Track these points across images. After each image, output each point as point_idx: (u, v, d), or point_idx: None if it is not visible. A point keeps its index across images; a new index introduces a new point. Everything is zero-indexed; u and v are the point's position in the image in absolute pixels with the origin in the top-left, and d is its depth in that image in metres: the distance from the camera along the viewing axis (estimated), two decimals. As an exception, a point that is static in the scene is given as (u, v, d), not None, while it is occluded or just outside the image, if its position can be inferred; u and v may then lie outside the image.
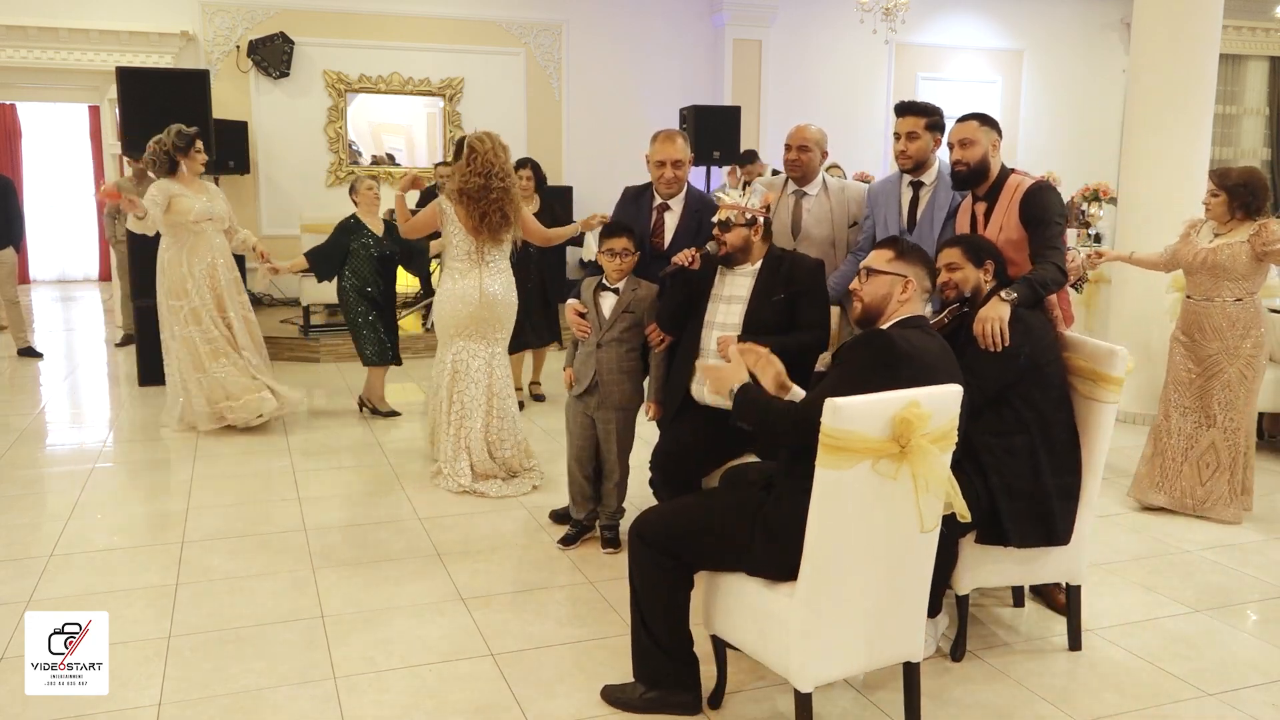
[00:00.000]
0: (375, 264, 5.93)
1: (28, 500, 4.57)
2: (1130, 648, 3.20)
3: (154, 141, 5.54)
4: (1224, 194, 4.28)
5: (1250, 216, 4.26)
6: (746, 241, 3.44)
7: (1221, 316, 4.31)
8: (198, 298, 5.56)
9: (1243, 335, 4.30)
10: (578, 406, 3.92)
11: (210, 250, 5.61)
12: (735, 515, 2.62)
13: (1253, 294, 4.31)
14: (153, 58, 9.30)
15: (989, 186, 3.48)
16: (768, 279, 3.43)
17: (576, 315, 3.85)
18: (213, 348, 5.60)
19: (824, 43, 11.32)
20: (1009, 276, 3.15)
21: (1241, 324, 4.29)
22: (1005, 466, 2.94)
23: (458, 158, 4.64)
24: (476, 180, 4.53)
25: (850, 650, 2.51)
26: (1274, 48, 13.00)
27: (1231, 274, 4.26)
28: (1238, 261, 4.23)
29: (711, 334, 3.47)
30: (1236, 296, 4.29)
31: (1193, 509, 4.41)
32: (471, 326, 4.70)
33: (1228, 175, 4.32)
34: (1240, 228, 4.28)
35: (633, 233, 3.83)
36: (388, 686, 2.91)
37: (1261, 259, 4.22)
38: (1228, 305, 4.30)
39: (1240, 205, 4.26)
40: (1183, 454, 4.44)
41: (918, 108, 3.73)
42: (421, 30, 10.08)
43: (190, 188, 5.55)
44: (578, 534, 4.01)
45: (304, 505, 4.51)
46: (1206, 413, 4.39)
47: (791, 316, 3.39)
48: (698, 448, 3.48)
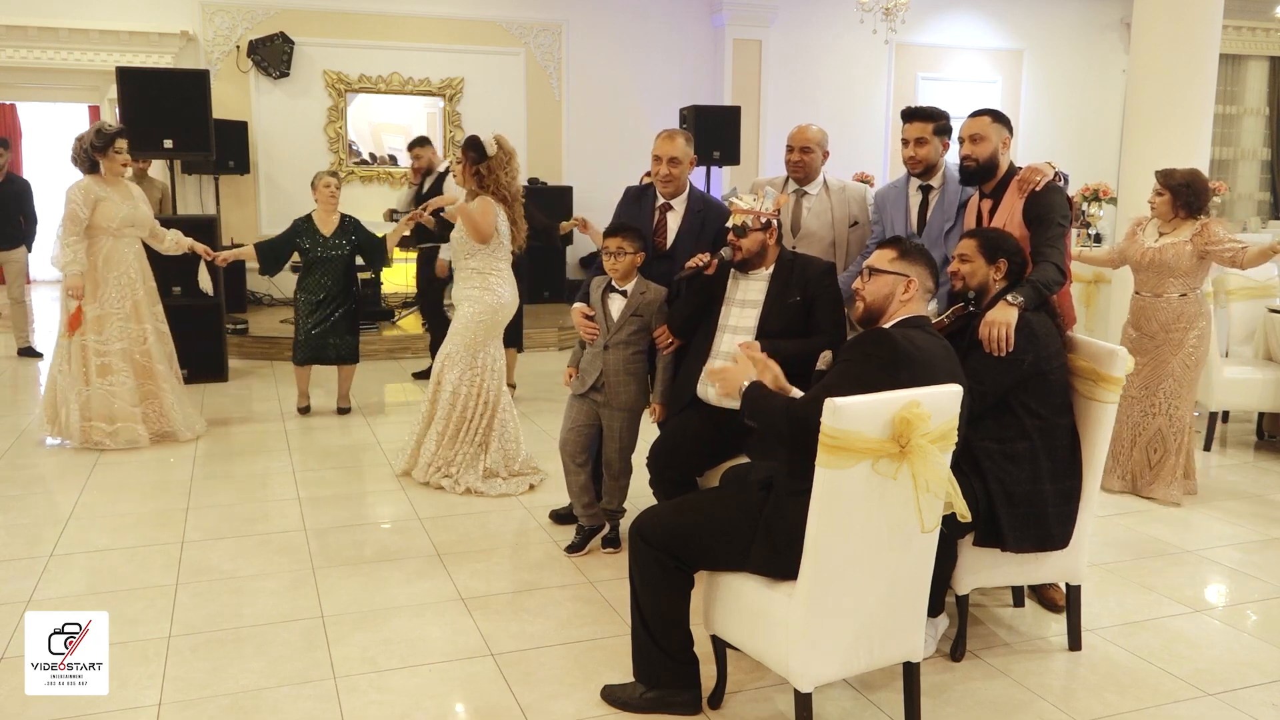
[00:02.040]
0: (319, 265, 5.88)
1: (28, 500, 4.57)
2: (1130, 648, 3.20)
3: (76, 139, 5.35)
4: (1168, 193, 4.48)
5: (1192, 215, 4.48)
6: (762, 246, 3.44)
7: (1168, 311, 4.51)
8: (109, 305, 5.28)
9: (1187, 328, 4.50)
10: (583, 396, 3.90)
11: (127, 258, 5.34)
12: (736, 515, 2.62)
13: (1196, 289, 4.52)
14: (153, 58, 9.30)
15: (996, 183, 3.49)
16: (781, 283, 3.44)
17: (583, 318, 3.83)
18: (103, 363, 5.28)
19: (824, 43, 11.32)
20: (1025, 277, 3.14)
21: (1186, 318, 4.50)
22: (1005, 472, 2.94)
23: (476, 152, 4.56)
24: (516, 184, 4.68)
25: (850, 650, 2.51)
26: (1274, 48, 13.01)
27: (1176, 271, 4.47)
28: (1182, 259, 4.43)
29: (724, 337, 3.47)
30: (1181, 292, 4.50)
31: (1141, 490, 4.65)
32: (500, 330, 4.82)
33: (1172, 175, 4.51)
34: (1183, 226, 4.49)
35: (631, 232, 3.79)
36: (388, 686, 2.91)
37: (1203, 257, 4.44)
38: (1174, 300, 4.51)
39: (1183, 205, 4.47)
40: (1132, 440, 4.66)
41: (924, 113, 3.74)
42: (421, 30, 10.09)
43: (115, 190, 5.32)
44: (583, 540, 3.95)
45: (304, 505, 4.51)
46: (1153, 401, 4.60)
47: (807, 320, 3.41)
48: (693, 446, 3.49)
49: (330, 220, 5.95)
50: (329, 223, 5.94)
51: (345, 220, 6.00)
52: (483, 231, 4.58)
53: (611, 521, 3.98)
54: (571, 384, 3.94)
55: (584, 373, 3.88)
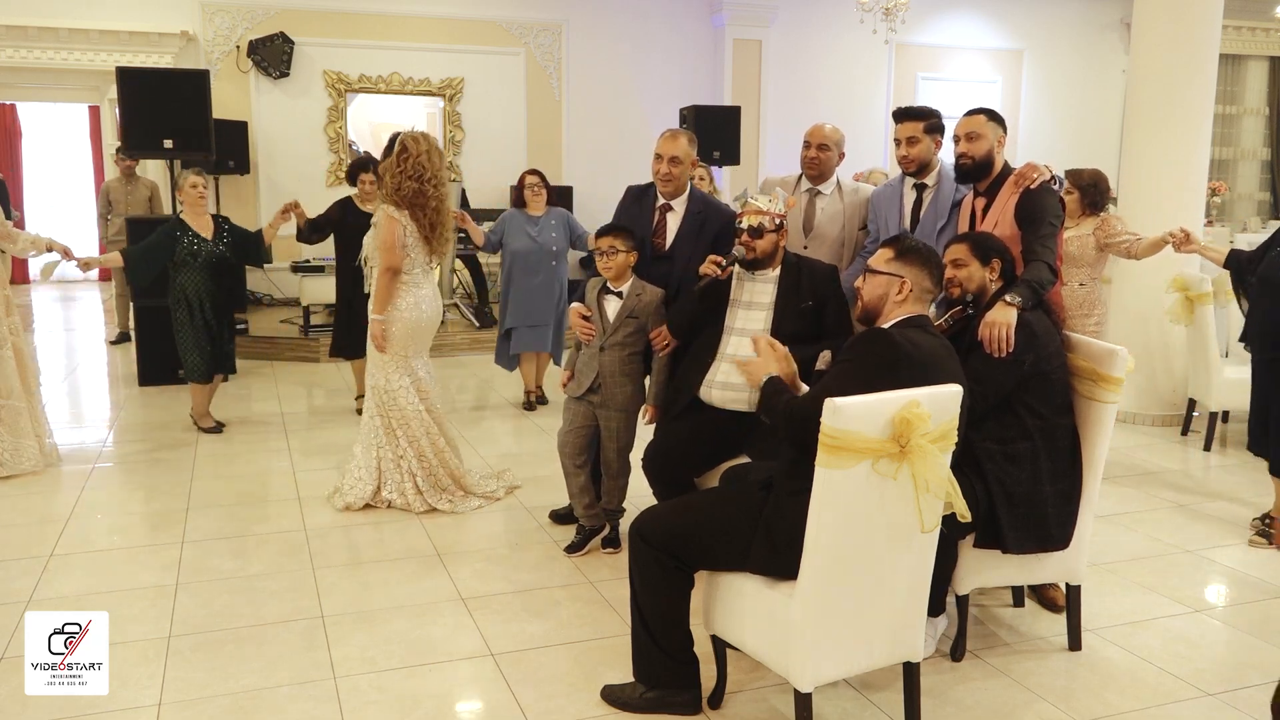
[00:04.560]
0: (203, 270, 5.45)
1: (28, 500, 4.57)
2: (1130, 648, 3.20)
3: None
4: (1077, 191, 4.86)
5: (1094, 212, 4.89)
6: (775, 246, 3.45)
7: (1070, 298, 4.72)
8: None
9: (1086, 315, 4.77)
10: (579, 399, 3.89)
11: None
12: (736, 515, 2.62)
13: (1095, 279, 4.86)
14: (153, 58, 9.29)
15: (990, 182, 3.51)
16: (790, 285, 3.45)
17: (580, 318, 3.83)
18: None
19: (824, 43, 11.32)
20: (1016, 276, 3.15)
21: (1085, 305, 4.79)
22: (1005, 473, 2.94)
23: (388, 155, 4.38)
24: (410, 184, 4.28)
25: (850, 650, 2.51)
26: (1274, 48, 13.00)
27: (1079, 262, 4.79)
28: (1085, 251, 4.80)
29: (730, 339, 3.46)
30: (1080, 281, 4.80)
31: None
32: (421, 341, 4.48)
33: (1080, 175, 4.93)
34: (1085, 221, 4.88)
35: (622, 231, 3.75)
36: (388, 686, 2.91)
37: (1103, 249, 4.84)
38: (1075, 289, 4.77)
39: (1089, 202, 4.88)
40: None
41: (915, 112, 3.76)
42: (421, 30, 10.08)
43: None
44: (583, 540, 3.95)
45: (304, 505, 4.51)
46: None
47: (818, 324, 3.42)
48: (690, 447, 3.48)
49: (204, 222, 5.54)
50: (204, 225, 5.53)
51: (219, 220, 5.64)
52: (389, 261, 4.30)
53: (611, 521, 3.98)
54: (568, 387, 3.93)
55: (580, 374, 3.87)
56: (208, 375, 5.59)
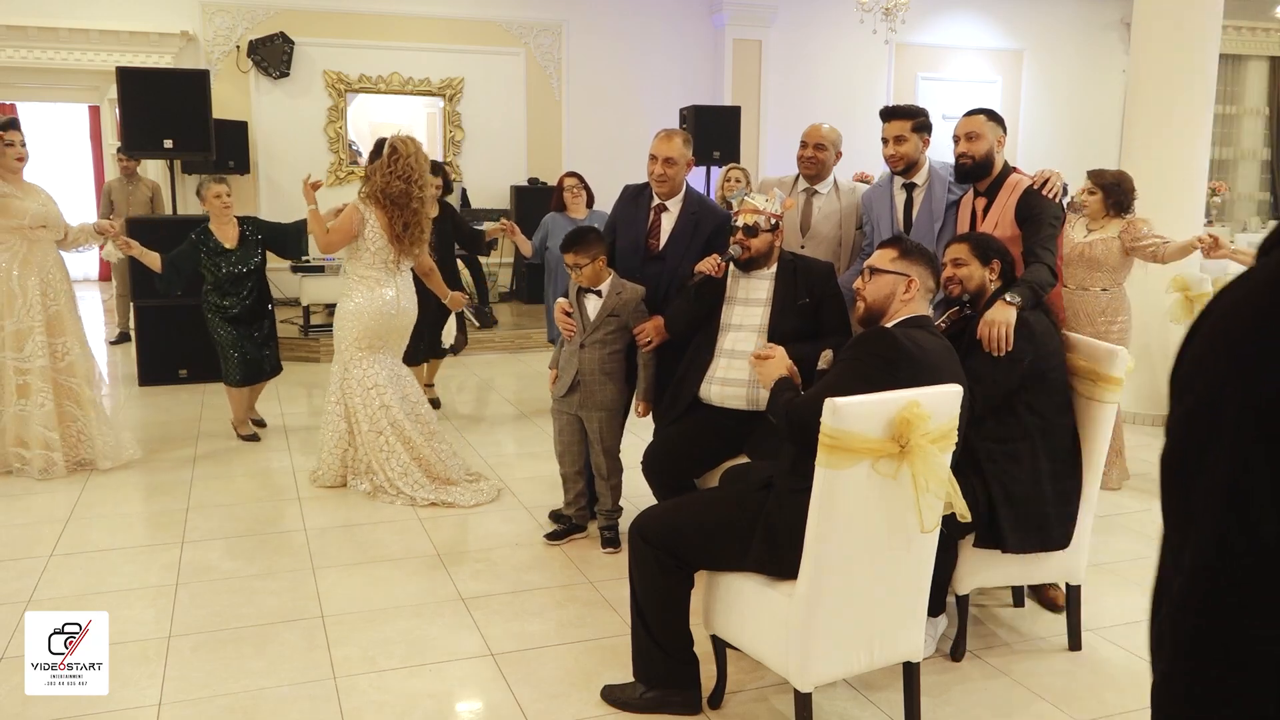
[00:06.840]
0: (226, 279, 5.33)
1: (28, 500, 4.57)
2: (1130, 648, 3.20)
3: None
4: (1100, 192, 4.67)
5: (1120, 214, 4.68)
6: (770, 245, 3.45)
7: (1093, 305, 4.66)
8: (26, 318, 4.69)
9: (1110, 321, 4.65)
10: (562, 406, 3.92)
11: (45, 262, 4.77)
12: (736, 514, 2.62)
13: (1119, 284, 4.69)
14: (153, 58, 9.29)
15: (990, 182, 3.52)
16: (787, 283, 3.45)
17: (564, 314, 3.84)
18: (23, 381, 4.71)
19: (824, 43, 11.32)
20: (1015, 277, 3.16)
21: (1110, 311, 4.66)
22: (1006, 473, 2.94)
23: (376, 157, 4.47)
24: (398, 184, 4.37)
25: (850, 650, 2.51)
26: (1274, 48, 13.00)
27: (1104, 266, 4.63)
28: (1110, 255, 4.62)
29: (727, 335, 3.47)
30: (1104, 286, 4.67)
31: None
32: (380, 340, 4.53)
33: (1103, 175, 4.72)
34: (1110, 224, 4.68)
35: (579, 245, 3.71)
36: (388, 686, 2.91)
37: (1129, 253, 4.63)
38: (1099, 295, 4.66)
39: (1114, 203, 4.66)
40: None
41: (902, 111, 3.78)
42: (421, 30, 10.08)
43: (18, 187, 4.78)
44: (565, 532, 4.02)
45: (304, 505, 4.51)
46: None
47: (815, 322, 3.42)
48: (689, 448, 3.49)
49: (230, 233, 5.35)
50: (230, 235, 5.35)
51: (244, 223, 5.45)
52: (315, 236, 4.52)
53: (610, 521, 3.99)
54: (553, 387, 3.95)
55: (563, 372, 3.90)
56: (240, 381, 5.45)
